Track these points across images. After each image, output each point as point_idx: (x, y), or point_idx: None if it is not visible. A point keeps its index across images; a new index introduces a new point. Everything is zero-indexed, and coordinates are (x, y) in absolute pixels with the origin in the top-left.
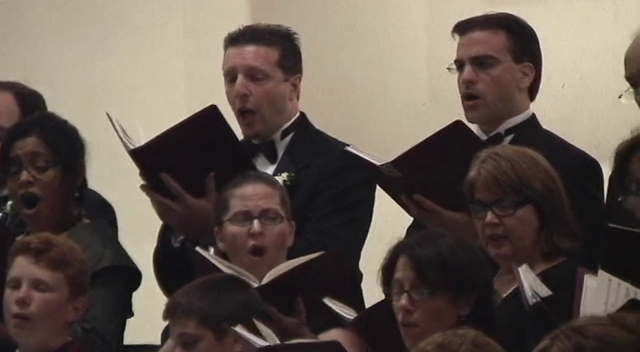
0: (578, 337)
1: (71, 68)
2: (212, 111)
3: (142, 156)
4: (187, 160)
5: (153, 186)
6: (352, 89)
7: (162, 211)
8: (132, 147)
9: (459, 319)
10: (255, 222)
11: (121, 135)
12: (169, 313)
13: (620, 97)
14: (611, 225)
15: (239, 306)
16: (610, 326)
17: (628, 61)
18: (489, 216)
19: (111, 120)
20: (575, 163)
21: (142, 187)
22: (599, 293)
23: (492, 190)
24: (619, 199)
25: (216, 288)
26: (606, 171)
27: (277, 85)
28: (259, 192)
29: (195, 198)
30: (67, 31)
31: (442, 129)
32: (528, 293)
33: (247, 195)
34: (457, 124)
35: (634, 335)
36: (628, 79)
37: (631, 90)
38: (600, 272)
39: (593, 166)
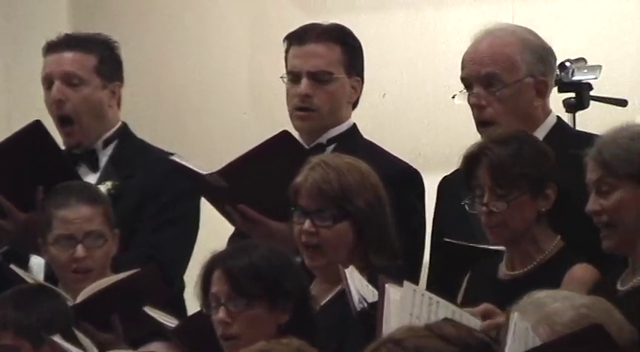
0: (398, 349)
1: None
2: (36, 127)
3: None
4: (13, 176)
5: None
6: (175, 98)
7: None
8: None
9: (279, 327)
10: (79, 248)
11: None
12: None
13: (453, 97)
14: (446, 239)
15: (53, 315)
16: (429, 337)
17: (465, 62)
18: (307, 224)
19: None
20: (395, 173)
21: None
22: (404, 304)
23: (315, 199)
24: (465, 201)
25: (29, 298)
26: (427, 181)
27: (94, 91)
28: (82, 214)
29: (24, 214)
30: None
31: (269, 139)
32: (355, 297)
33: (70, 218)
34: (284, 134)
35: (453, 346)
36: (463, 79)
37: (465, 91)
38: (405, 283)
39: (414, 176)
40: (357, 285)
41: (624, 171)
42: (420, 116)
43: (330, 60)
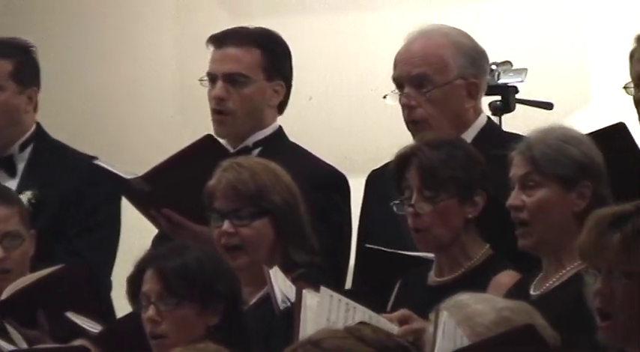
0: (317, 349)
1: None
2: None
3: None
4: None
5: None
6: (101, 101)
7: None
8: None
9: (208, 329)
10: None
11: None
12: None
13: (384, 98)
14: (367, 245)
15: None
16: (347, 338)
17: (397, 62)
18: (226, 225)
19: None
20: (321, 176)
21: None
22: (321, 310)
23: (231, 199)
24: (395, 202)
25: None
26: (354, 184)
27: (10, 97)
28: None
29: None
30: None
31: (192, 144)
32: (279, 297)
33: None
34: (207, 138)
35: (371, 348)
36: (394, 80)
37: (396, 91)
38: (322, 288)
39: (340, 179)
40: (281, 285)
41: (552, 172)
42: (346, 119)
43: (247, 63)
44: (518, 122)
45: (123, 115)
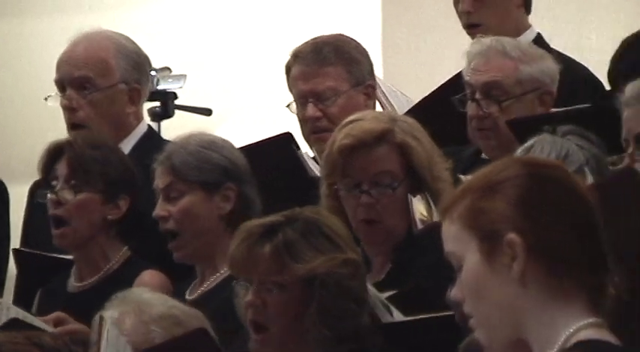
0: None
1: None
2: None
3: None
4: None
5: None
6: None
7: None
8: None
9: None
10: None
11: None
12: None
13: (46, 99)
14: (15, 248)
15: None
16: (26, 344)
17: (60, 64)
18: None
19: None
20: None
21: None
22: None
23: None
24: (42, 192)
25: None
26: (13, 191)
27: None
28: None
29: None
30: None
31: None
32: None
33: None
34: None
35: None
36: (56, 82)
37: (58, 93)
38: None
39: None
40: None
41: (193, 179)
42: (5, 125)
43: None
44: (178, 128)
45: None
